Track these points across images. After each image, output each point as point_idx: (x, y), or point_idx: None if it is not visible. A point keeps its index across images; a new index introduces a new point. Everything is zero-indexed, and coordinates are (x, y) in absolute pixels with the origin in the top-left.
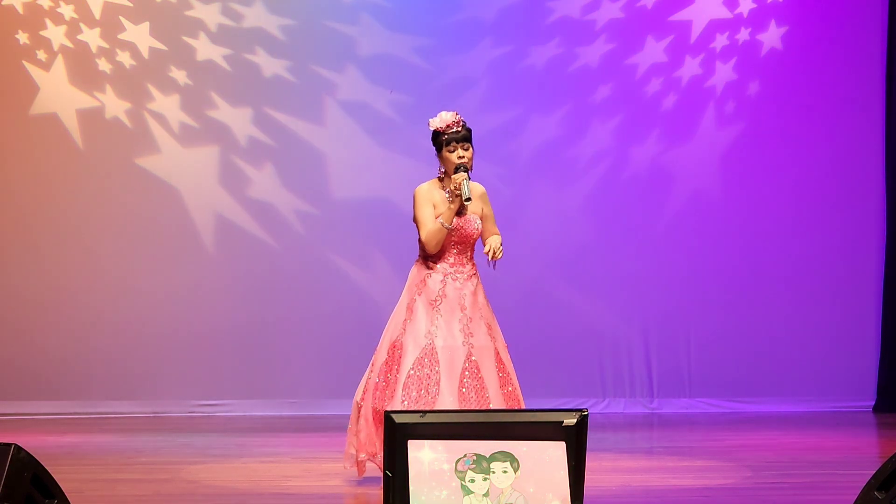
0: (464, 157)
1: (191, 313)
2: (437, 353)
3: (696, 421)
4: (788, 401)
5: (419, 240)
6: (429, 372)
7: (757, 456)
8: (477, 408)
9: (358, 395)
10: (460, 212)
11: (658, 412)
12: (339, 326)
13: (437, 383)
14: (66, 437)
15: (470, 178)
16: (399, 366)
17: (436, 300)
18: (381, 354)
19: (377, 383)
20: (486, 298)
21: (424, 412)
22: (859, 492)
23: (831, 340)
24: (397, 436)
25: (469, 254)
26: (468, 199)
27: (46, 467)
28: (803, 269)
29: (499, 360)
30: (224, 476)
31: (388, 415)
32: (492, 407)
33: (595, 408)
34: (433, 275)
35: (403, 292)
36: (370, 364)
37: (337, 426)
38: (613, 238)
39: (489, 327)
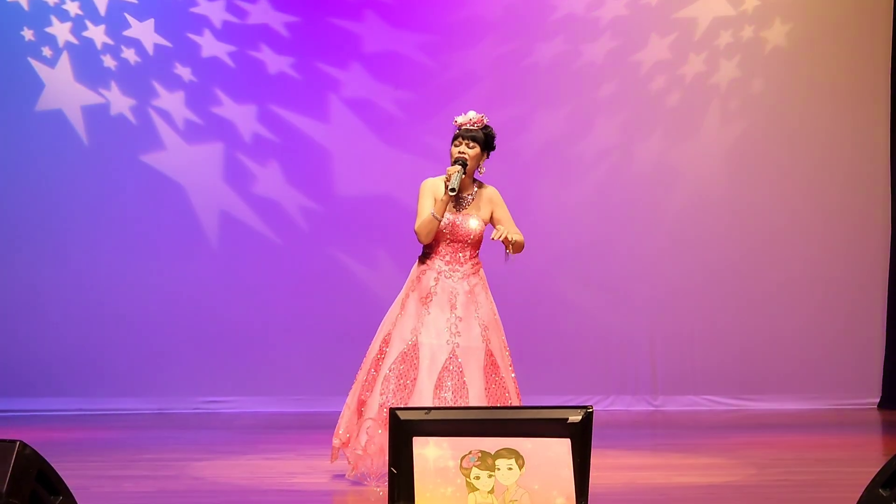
0: (464, 152)
1: (195, 310)
2: (418, 349)
3: (700, 418)
4: (793, 398)
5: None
6: (408, 368)
7: (762, 453)
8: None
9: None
10: (459, 206)
11: (663, 409)
12: (343, 323)
13: (415, 380)
14: (71, 434)
15: (464, 173)
16: (384, 360)
17: (427, 297)
18: (373, 349)
19: (367, 376)
20: (489, 300)
21: (429, 409)
22: (864, 489)
23: (837, 338)
24: (402, 433)
25: (468, 253)
26: (452, 190)
27: (52, 464)
28: (808, 265)
29: (491, 363)
30: (229, 473)
31: (392, 412)
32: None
33: (600, 405)
34: (427, 272)
35: (402, 288)
36: (364, 359)
37: None
38: (618, 235)
39: (484, 328)
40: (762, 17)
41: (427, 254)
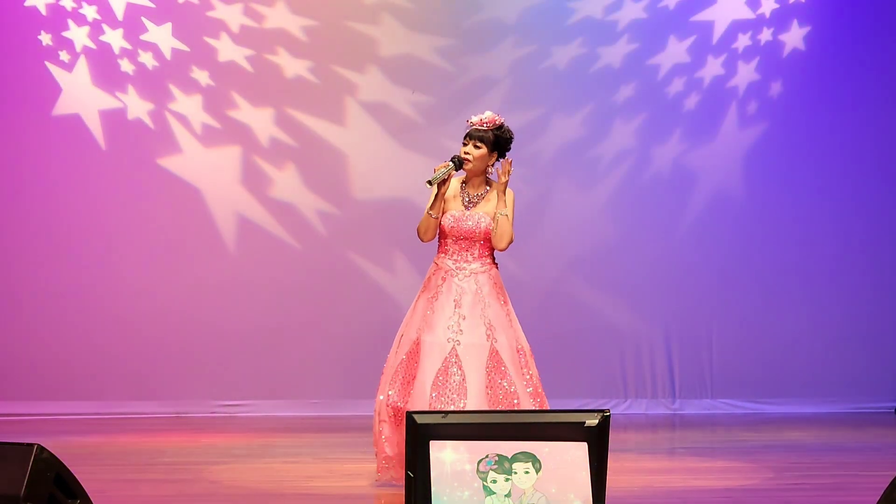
0: (469, 152)
1: (213, 313)
2: (420, 347)
3: (718, 422)
4: (811, 402)
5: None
6: (411, 366)
7: (779, 457)
8: (448, 404)
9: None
10: (468, 205)
11: (680, 413)
12: (360, 326)
13: (414, 378)
14: (88, 438)
15: (454, 170)
16: (392, 361)
17: (433, 297)
18: (391, 351)
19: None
20: (498, 298)
21: (446, 412)
22: (881, 493)
23: (854, 341)
24: (419, 436)
25: (475, 252)
26: (428, 182)
27: (69, 467)
28: (826, 269)
29: (495, 361)
30: (247, 476)
31: (409, 415)
32: (468, 406)
33: (617, 408)
34: (437, 272)
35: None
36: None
37: (359, 426)
38: (635, 238)
39: (490, 327)
40: (780, 19)
41: (438, 254)
